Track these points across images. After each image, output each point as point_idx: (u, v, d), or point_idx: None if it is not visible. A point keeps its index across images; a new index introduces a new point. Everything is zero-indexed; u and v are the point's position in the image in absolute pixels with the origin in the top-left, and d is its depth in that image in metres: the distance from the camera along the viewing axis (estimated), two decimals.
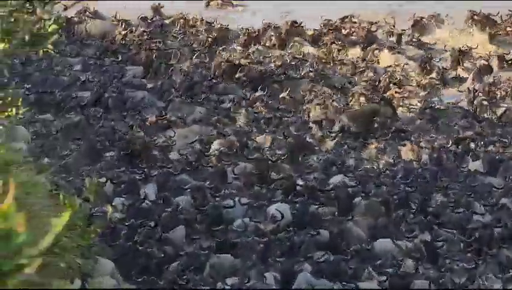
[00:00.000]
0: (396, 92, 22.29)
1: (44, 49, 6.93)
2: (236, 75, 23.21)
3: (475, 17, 27.01)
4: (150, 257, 12.99)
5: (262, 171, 16.66)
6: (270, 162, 17.03)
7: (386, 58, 25.18)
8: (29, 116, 17.90)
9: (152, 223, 13.80)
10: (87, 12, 26.99)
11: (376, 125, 20.31)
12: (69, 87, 21.77)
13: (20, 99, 7.48)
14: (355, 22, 27.23)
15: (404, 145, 18.88)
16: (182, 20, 27.44)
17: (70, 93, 21.08)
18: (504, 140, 19.19)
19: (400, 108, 21.65)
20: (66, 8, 8.51)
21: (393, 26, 27.20)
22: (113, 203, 14.18)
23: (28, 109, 15.88)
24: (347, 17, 27.61)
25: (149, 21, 27.23)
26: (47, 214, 6.28)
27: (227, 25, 27.14)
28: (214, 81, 22.81)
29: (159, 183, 15.95)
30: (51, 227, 2.43)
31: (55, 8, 7.19)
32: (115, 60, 24.23)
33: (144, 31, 25.99)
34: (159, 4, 28.01)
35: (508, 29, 27.05)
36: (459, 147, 18.93)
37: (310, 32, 27.07)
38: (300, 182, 16.13)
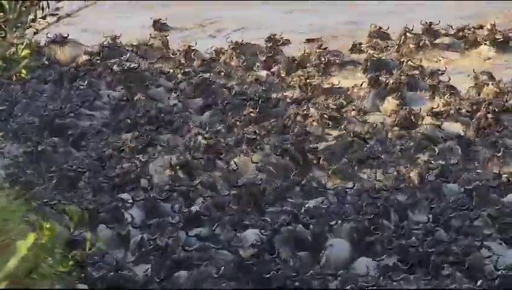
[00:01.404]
0: None
1: (17, 74, 6.88)
2: None
3: None
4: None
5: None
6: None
7: None
8: None
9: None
10: (57, 37, 26.72)
11: None
12: (32, 113, 21.48)
13: None
14: None
15: None
16: (144, 46, 27.42)
17: (29, 120, 20.83)
18: None
19: None
20: (36, 32, 8.43)
21: None
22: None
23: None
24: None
25: (111, 46, 27.09)
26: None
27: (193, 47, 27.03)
28: None
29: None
30: (16, 250, 2.39)
31: (26, 32, 7.13)
32: (83, 84, 23.88)
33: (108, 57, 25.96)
34: (116, 36, 27.75)
35: None
36: None
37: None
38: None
